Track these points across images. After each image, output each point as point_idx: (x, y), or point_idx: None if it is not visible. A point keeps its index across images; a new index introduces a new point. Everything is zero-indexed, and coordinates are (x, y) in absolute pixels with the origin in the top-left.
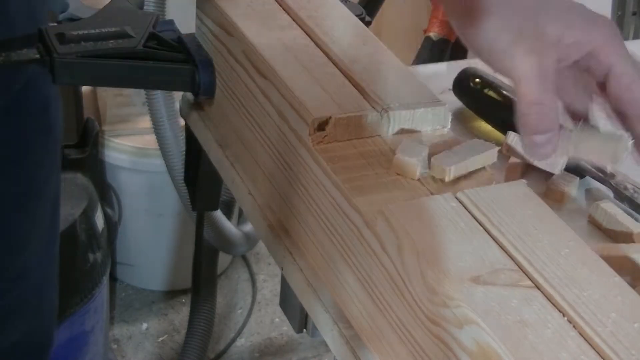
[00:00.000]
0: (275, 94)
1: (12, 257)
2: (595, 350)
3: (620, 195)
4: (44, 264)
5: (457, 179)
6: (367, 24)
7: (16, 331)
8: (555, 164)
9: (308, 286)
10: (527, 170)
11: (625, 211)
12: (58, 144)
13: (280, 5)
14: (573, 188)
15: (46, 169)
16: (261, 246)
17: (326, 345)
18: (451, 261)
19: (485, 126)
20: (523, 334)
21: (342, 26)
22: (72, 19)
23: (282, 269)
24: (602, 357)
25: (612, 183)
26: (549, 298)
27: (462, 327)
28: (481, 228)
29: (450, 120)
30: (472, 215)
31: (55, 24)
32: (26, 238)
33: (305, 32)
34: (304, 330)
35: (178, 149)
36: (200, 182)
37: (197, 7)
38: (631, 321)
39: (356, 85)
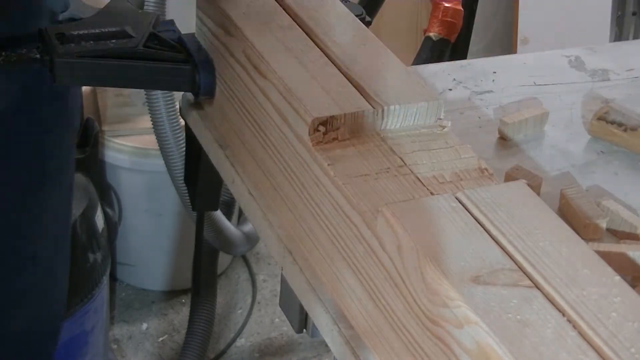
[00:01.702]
0: (275, 94)
1: (23, 240)
2: (595, 350)
3: None
4: (55, 250)
5: (458, 179)
6: (367, 24)
7: (25, 317)
8: None
9: (308, 286)
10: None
11: None
12: (75, 132)
13: (280, 5)
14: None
15: (61, 157)
16: (261, 246)
17: (326, 345)
18: (451, 261)
19: None
20: (523, 333)
21: (342, 26)
22: (72, 19)
23: (282, 269)
24: (602, 357)
25: None
26: (548, 298)
27: (462, 327)
28: (481, 228)
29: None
30: (472, 215)
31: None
32: (38, 223)
33: (305, 32)
34: (304, 330)
35: (178, 149)
36: (200, 182)
37: (197, 7)
38: (631, 321)
39: (356, 85)
